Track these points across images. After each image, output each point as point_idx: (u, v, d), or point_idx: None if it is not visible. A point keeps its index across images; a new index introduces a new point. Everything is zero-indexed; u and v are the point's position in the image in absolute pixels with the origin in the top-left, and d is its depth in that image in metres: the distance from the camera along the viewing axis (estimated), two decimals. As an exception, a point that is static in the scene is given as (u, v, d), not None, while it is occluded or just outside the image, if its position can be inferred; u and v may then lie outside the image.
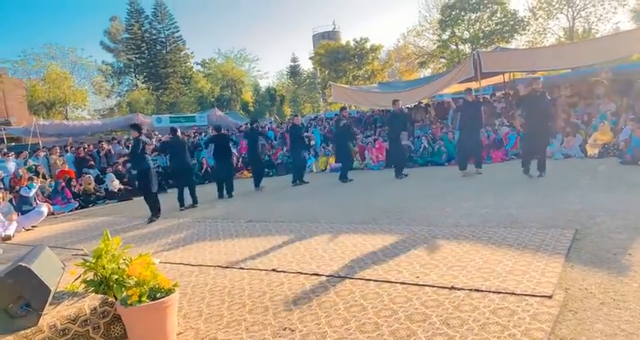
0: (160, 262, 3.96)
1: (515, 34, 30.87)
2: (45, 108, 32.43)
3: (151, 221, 7.87)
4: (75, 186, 12.15)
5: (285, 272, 3.99)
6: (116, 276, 3.02)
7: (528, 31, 31.11)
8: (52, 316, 2.64)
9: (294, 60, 51.87)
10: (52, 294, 2.70)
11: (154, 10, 42.11)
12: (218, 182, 10.36)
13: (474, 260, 3.69)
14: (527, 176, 8.19)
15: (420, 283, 3.31)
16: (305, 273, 3.87)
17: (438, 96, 19.62)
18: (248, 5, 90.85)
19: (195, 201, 9.13)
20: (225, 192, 10.18)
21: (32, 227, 8.95)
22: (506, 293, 2.96)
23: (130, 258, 3.15)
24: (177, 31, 42.71)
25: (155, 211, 8.07)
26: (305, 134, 13.79)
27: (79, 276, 3.12)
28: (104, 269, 3.05)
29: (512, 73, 17.80)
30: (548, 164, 8.26)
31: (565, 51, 13.89)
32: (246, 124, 12.71)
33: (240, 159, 15.29)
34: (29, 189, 9.19)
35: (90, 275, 3.10)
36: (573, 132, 11.18)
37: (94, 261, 3.07)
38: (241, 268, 4.28)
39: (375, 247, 4.44)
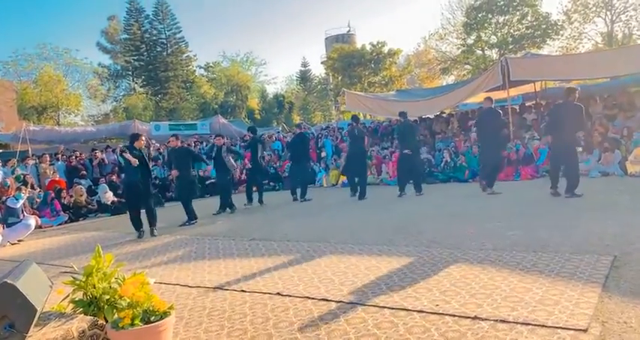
0: (155, 282, 3.98)
1: (548, 39, 30.92)
2: (36, 112, 33.02)
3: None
4: (65, 198, 12.29)
5: (290, 296, 3.98)
6: (107, 297, 3.05)
7: (562, 35, 31.13)
8: (37, 338, 2.66)
9: (304, 64, 52.52)
10: (38, 314, 2.73)
11: (154, 9, 42.97)
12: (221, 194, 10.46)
13: (499, 287, 3.66)
14: (553, 194, 8.15)
15: (440, 312, 3.28)
16: (313, 298, 3.86)
17: (462, 106, 19.60)
18: (256, 5, 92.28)
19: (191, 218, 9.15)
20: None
21: (18, 241, 9.05)
22: (535, 325, 2.92)
23: (123, 277, 3.18)
24: (180, 31, 43.47)
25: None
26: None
27: (68, 296, 3.15)
28: (94, 288, 3.07)
29: (543, 82, 17.75)
30: (583, 183, 8.17)
31: (603, 58, 13.85)
32: (249, 133, 12.82)
33: (245, 171, 15.37)
34: (16, 200, 9.30)
35: (79, 295, 3.13)
36: (612, 147, 11.09)
37: (83, 280, 3.10)
38: (243, 291, 4.28)
39: (391, 271, 4.42)
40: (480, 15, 31.52)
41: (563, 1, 43.92)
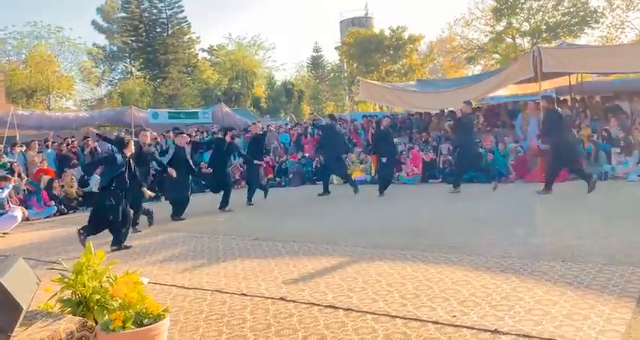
0: (149, 282, 4.02)
1: (586, 28, 30.47)
2: (25, 95, 33.29)
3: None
4: (56, 188, 12.39)
5: (295, 302, 4.01)
6: (98, 296, 3.09)
7: (602, 24, 30.69)
8: (22, 339, 2.70)
9: (316, 49, 52.53)
10: (23, 313, 2.77)
11: (155, -15, 42.96)
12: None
13: (523, 299, 3.65)
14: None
15: (457, 324, 3.28)
16: (319, 305, 3.88)
17: (489, 99, 19.44)
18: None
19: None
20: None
21: (3, 234, 9.15)
22: (561, 341, 2.92)
23: (115, 276, 3.21)
24: (182, 11, 43.43)
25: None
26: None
27: (55, 294, 3.20)
28: (84, 287, 3.12)
29: (580, 75, 17.55)
30: (620, 187, 8.10)
31: (647, 50, 13.65)
32: (254, 123, 12.65)
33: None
34: (2, 190, 9.40)
35: (67, 294, 3.17)
36: (654, 148, 10.96)
37: (72, 278, 3.14)
38: (243, 294, 4.31)
39: (405, 278, 4.43)
40: (511, -1, 31.21)
41: (605, -15, 43.58)
